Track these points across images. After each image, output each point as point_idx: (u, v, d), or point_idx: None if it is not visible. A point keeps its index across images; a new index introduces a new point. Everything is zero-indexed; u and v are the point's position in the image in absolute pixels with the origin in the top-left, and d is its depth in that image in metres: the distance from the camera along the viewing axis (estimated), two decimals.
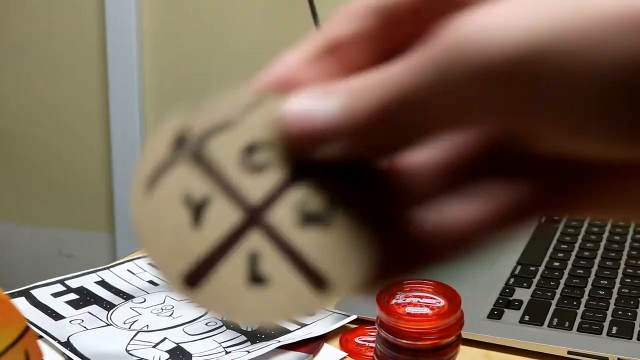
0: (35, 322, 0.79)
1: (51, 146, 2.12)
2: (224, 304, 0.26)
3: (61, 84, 2.07)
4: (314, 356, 0.76)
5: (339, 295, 0.26)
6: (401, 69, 0.24)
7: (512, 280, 0.90)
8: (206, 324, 0.80)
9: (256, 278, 0.26)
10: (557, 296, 0.86)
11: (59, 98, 2.08)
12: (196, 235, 0.26)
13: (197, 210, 0.26)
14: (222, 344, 0.77)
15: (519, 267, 0.93)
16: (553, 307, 0.83)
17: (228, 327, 0.80)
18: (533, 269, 0.93)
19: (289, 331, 0.79)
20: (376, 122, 0.25)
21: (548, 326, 0.80)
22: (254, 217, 0.26)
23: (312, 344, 0.77)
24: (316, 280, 0.26)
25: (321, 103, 0.26)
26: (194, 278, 0.26)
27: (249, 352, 0.75)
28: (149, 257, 0.27)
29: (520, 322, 0.81)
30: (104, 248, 2.14)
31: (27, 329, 0.46)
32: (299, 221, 0.26)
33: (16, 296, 0.84)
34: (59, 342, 0.76)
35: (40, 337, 0.77)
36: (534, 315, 0.82)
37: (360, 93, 0.25)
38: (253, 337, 0.78)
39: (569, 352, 0.76)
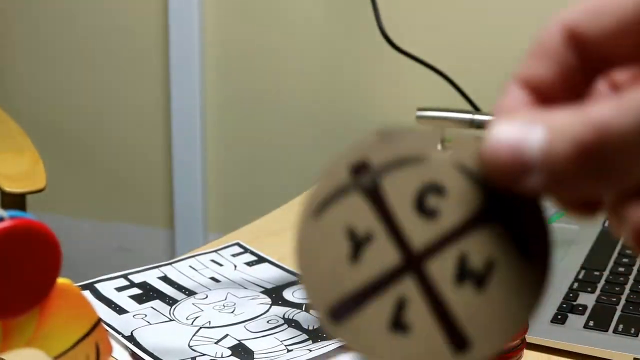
0: (100, 316, 0.80)
1: (112, 142, 2.14)
2: (362, 342, 0.26)
3: (123, 80, 2.09)
4: None
5: (475, 358, 0.26)
6: (608, 108, 0.23)
7: (575, 284, 0.89)
8: (268, 322, 0.81)
9: (399, 324, 0.25)
10: (623, 302, 0.84)
11: (121, 93, 2.10)
12: (351, 270, 0.26)
13: (358, 245, 0.26)
14: (283, 342, 0.77)
15: (583, 272, 0.92)
16: (618, 312, 0.82)
17: (290, 326, 0.80)
18: (597, 273, 0.91)
19: None
20: (576, 160, 0.24)
21: (613, 332, 0.78)
22: (413, 263, 0.26)
23: None
24: (458, 341, 0.25)
25: (530, 132, 0.25)
26: (340, 312, 0.26)
27: (310, 350, 0.75)
28: (300, 278, 0.27)
29: (584, 327, 0.79)
30: (164, 244, 2.16)
31: (99, 322, 0.47)
32: (457, 277, 0.26)
33: (81, 290, 0.85)
34: (123, 336, 0.77)
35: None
36: (599, 320, 0.80)
37: (563, 128, 0.24)
38: (315, 335, 0.78)
39: (635, 359, 0.75)
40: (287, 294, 0.87)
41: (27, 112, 2.14)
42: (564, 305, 0.84)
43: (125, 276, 0.90)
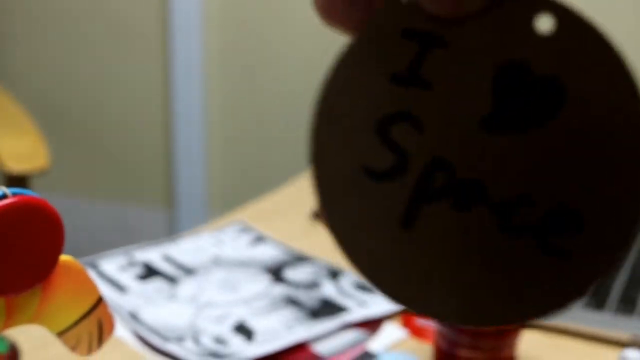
0: (103, 294, 0.81)
1: (113, 122, 2.15)
2: None
3: (123, 59, 2.09)
4: (374, 334, 0.76)
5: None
6: None
7: None
8: (269, 301, 0.81)
9: None
10: (622, 279, 0.85)
11: (121, 73, 2.10)
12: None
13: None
14: (285, 321, 0.77)
15: None
16: (617, 291, 0.82)
17: (291, 305, 0.80)
18: None
19: (351, 311, 0.79)
20: None
21: (611, 310, 0.79)
22: None
23: (373, 323, 0.78)
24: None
25: None
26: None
27: (311, 329, 0.76)
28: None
29: (583, 306, 0.80)
30: (165, 223, 2.17)
31: (101, 299, 0.47)
32: None
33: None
34: (126, 313, 0.78)
35: None
36: (597, 299, 0.81)
37: None
38: (316, 315, 0.78)
39: (635, 336, 0.75)
40: (289, 273, 0.87)
41: (30, 94, 2.14)
42: None
43: (127, 254, 0.90)
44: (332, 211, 0.27)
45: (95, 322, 0.46)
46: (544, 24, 0.24)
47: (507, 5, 0.24)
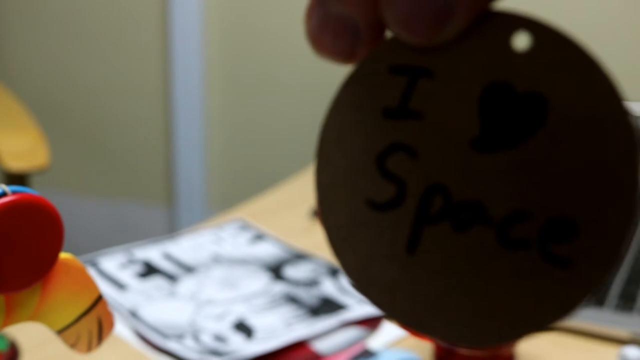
0: (102, 292, 0.81)
1: (112, 119, 2.15)
2: None
3: (123, 57, 2.09)
4: (374, 332, 0.76)
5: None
6: None
7: None
8: (269, 298, 0.81)
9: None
10: (622, 276, 0.85)
11: (121, 71, 2.10)
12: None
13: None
14: (285, 318, 0.77)
15: None
16: (617, 288, 0.83)
17: (290, 302, 0.80)
18: None
19: (351, 308, 0.79)
20: None
21: (610, 307, 0.79)
22: None
23: (373, 321, 0.78)
24: None
25: None
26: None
27: (311, 326, 0.76)
28: None
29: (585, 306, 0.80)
30: (164, 220, 2.17)
31: (101, 297, 0.47)
32: None
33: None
34: (126, 311, 0.78)
35: None
36: (597, 297, 0.81)
37: None
38: (316, 312, 0.78)
39: (635, 334, 0.75)
40: (289, 271, 0.87)
41: (29, 92, 2.14)
42: None
43: (126, 253, 0.90)
44: (342, 250, 0.28)
45: (95, 319, 0.46)
46: (521, 42, 0.25)
47: (484, 29, 0.25)
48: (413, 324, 0.27)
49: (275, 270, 0.87)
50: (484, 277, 0.26)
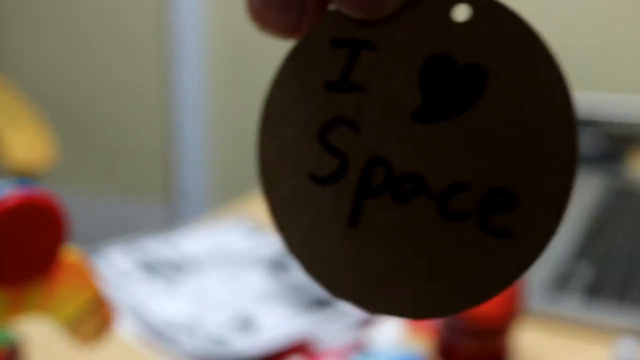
0: (104, 287, 0.81)
1: (111, 117, 2.15)
2: None
3: (122, 54, 2.09)
4: (373, 327, 0.77)
5: None
6: None
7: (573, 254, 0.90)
8: (270, 293, 0.81)
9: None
10: (619, 268, 0.85)
11: (120, 68, 2.10)
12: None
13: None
14: (285, 313, 0.78)
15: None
16: (613, 280, 0.83)
17: (292, 296, 0.81)
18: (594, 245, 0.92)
19: None
20: None
21: (611, 301, 0.79)
22: None
23: (372, 316, 0.78)
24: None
25: None
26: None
27: (311, 321, 0.76)
28: None
29: (583, 296, 0.80)
30: (164, 217, 2.17)
31: (101, 292, 0.48)
32: None
33: None
34: (126, 307, 0.78)
35: None
36: (597, 289, 0.81)
37: None
38: (316, 307, 0.79)
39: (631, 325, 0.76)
40: (289, 266, 0.87)
41: (30, 90, 2.14)
42: (562, 275, 0.84)
43: (126, 249, 0.91)
44: (285, 224, 0.28)
45: (95, 314, 0.47)
46: (461, 14, 0.25)
47: (425, 1, 0.25)
48: (356, 299, 0.27)
49: (276, 266, 0.88)
50: (426, 250, 0.26)
